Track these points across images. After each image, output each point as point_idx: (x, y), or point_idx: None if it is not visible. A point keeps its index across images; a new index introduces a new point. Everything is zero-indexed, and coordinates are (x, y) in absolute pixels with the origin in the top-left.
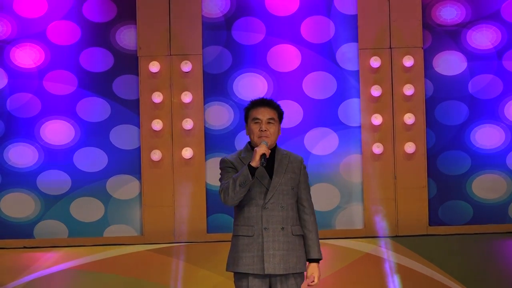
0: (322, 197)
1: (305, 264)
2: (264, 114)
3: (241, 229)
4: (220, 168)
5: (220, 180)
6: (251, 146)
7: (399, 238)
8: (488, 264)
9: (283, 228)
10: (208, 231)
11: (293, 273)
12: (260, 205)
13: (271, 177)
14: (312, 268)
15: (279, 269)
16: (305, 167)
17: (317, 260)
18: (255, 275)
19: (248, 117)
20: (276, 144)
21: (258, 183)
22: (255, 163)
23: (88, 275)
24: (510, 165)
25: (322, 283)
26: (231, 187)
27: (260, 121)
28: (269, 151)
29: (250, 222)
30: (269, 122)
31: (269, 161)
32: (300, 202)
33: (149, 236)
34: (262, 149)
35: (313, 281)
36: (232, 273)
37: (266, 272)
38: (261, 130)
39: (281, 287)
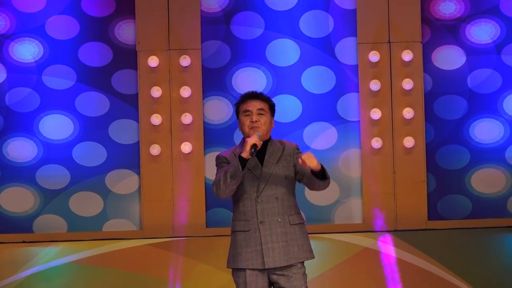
0: (321, 191)
1: (309, 252)
2: (254, 105)
3: (237, 224)
4: (216, 165)
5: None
6: (244, 141)
7: (398, 233)
8: (487, 258)
9: (279, 220)
10: (207, 226)
11: (295, 263)
12: (254, 198)
13: None
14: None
15: (280, 261)
16: (299, 152)
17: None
18: (253, 269)
19: (239, 111)
20: (270, 136)
21: (251, 176)
22: (245, 153)
23: (87, 269)
24: (509, 159)
25: (321, 278)
26: (222, 179)
27: (250, 112)
28: (261, 142)
29: (246, 217)
30: (259, 113)
31: (262, 153)
32: (305, 177)
33: (148, 231)
34: (253, 139)
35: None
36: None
37: (266, 267)
38: (252, 121)
39: (283, 278)
